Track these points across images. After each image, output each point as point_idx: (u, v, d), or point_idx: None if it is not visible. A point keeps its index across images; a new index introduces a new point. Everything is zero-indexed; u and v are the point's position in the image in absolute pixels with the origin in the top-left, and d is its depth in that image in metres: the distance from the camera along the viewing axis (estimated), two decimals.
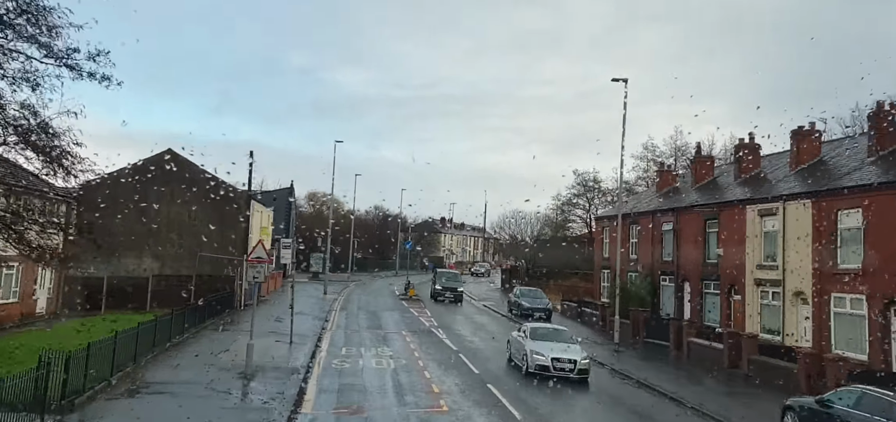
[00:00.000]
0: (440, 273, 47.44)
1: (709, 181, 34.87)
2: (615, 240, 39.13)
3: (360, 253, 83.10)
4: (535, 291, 40.43)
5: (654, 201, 38.63)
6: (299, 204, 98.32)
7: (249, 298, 38.55)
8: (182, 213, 43.03)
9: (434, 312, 38.49)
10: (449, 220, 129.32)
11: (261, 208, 50.72)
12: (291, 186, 71.10)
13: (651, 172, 69.81)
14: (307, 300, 42.48)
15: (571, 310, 40.90)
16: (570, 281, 56.52)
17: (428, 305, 43.33)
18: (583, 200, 75.20)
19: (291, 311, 24.94)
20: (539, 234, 71.84)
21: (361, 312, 37.22)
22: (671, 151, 68.52)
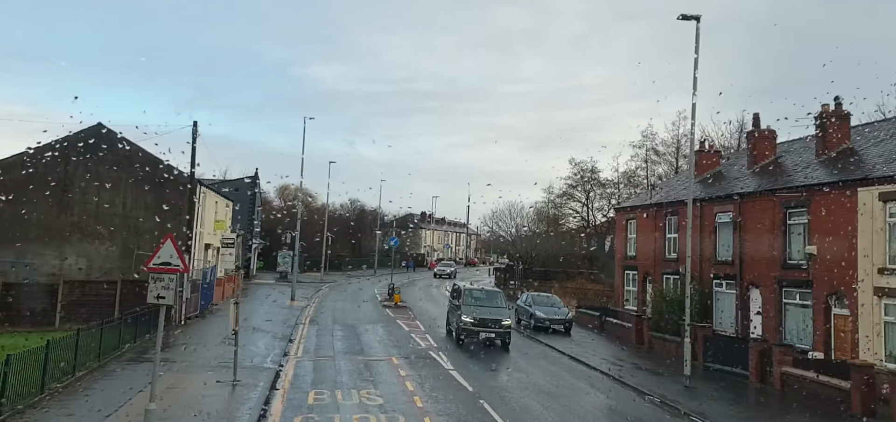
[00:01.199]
0: (468, 293, 27.30)
1: (770, 161, 27.99)
2: (649, 230, 32.20)
3: (333, 249, 75.25)
4: (551, 298, 33.31)
5: (695, 187, 31.67)
6: (269, 198, 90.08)
7: (195, 310, 30.77)
8: (115, 202, 35.10)
9: (428, 326, 31.08)
10: (430, 215, 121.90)
11: (216, 198, 42.76)
12: (256, 175, 63.03)
13: (651, 161, 63.71)
14: (269, 310, 34.75)
15: (591, 320, 33.78)
16: (575, 282, 49.61)
17: (418, 315, 35.88)
18: (579, 191, 68.59)
19: (235, 338, 17.28)
20: (534, 229, 64.77)
21: (337, 327, 29.65)
22: (672, 139, 62.16)
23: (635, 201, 36.30)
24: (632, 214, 35.04)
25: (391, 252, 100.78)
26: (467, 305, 26.13)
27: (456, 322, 26.42)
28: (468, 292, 27.48)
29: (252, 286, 51.34)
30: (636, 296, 33.98)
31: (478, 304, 26.33)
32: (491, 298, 27.54)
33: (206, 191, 39.03)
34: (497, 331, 25.44)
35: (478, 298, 27.04)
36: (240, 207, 60.13)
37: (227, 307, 36.12)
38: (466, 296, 26.87)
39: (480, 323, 25.24)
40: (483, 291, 29.07)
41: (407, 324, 31.32)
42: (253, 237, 63.20)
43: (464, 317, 25.48)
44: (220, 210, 44.05)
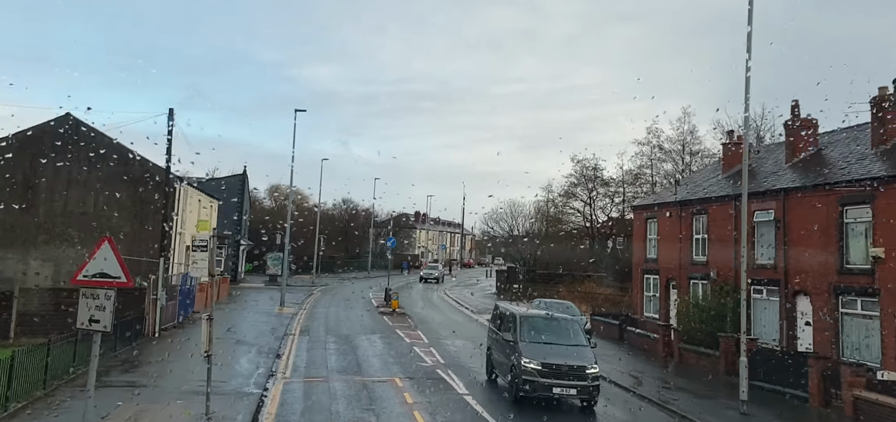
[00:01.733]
0: (526, 323, 18.04)
1: (811, 153, 25.20)
2: (674, 231, 29.35)
3: (325, 249, 72.14)
4: (567, 307, 30.35)
5: (722, 184, 28.92)
6: (259, 198, 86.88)
7: (172, 319, 27.68)
8: (86, 200, 32.04)
9: (431, 337, 28.11)
10: (423, 215, 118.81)
11: (200, 195, 39.67)
12: (244, 173, 59.84)
13: (657, 159, 61.09)
14: (256, 318, 31.72)
15: (609, 330, 30.89)
16: (583, 286, 46.76)
17: (419, 323, 32.90)
18: (582, 190, 65.76)
19: (207, 364, 14.28)
20: (535, 229, 61.92)
21: (330, 339, 26.61)
22: (678, 136, 59.51)
23: (656, 199, 33.51)
24: (652, 214, 32.19)
25: (386, 253, 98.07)
26: (527, 340, 16.80)
27: (509, 367, 16.92)
28: (526, 321, 17.83)
29: (239, 291, 48.22)
30: (658, 303, 31.16)
31: (543, 339, 16.99)
32: (563, 330, 17.85)
33: (188, 188, 35.97)
34: (579, 385, 15.95)
35: (542, 328, 17.69)
36: (227, 206, 57.08)
37: (214, 315, 33.07)
38: (524, 326, 17.42)
39: (553, 372, 15.84)
40: (550, 318, 18.96)
41: (408, 335, 28.33)
42: (241, 238, 60.05)
43: (525, 361, 15.99)
44: (204, 209, 40.97)
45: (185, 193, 34.74)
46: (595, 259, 55.60)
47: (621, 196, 64.67)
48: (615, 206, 65.87)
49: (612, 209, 65.75)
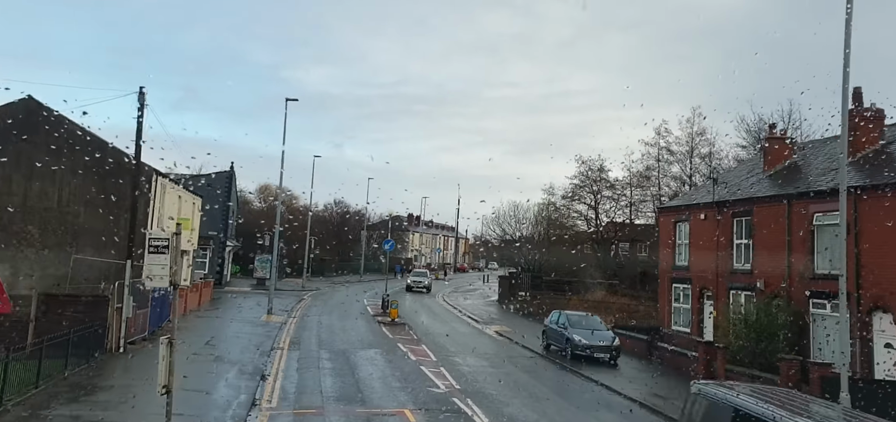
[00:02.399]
0: None
1: (875, 149, 22.07)
2: (708, 234, 26.16)
3: (317, 251, 68.62)
4: (589, 318, 27.09)
5: (766, 184, 25.78)
6: (248, 198, 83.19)
7: (142, 330, 24.14)
8: (48, 194, 28.43)
9: (439, 353, 24.72)
10: (416, 217, 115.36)
11: (180, 191, 36.12)
12: (231, 170, 56.28)
13: (664, 160, 58.13)
14: (239, 329, 28.25)
15: (636, 346, 27.54)
16: (596, 295, 43.52)
17: (422, 335, 29.53)
18: (586, 192, 62.61)
19: (166, 403, 10.88)
20: (539, 233, 58.63)
21: (324, 354, 23.17)
22: (687, 138, 56.54)
23: (686, 199, 30.32)
24: (682, 216, 28.99)
25: (379, 256, 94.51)
26: None
27: None
28: None
29: (224, 296, 44.66)
30: (689, 315, 27.95)
31: None
32: None
33: (166, 183, 32.41)
34: None
35: None
36: (212, 205, 53.49)
37: (192, 324, 29.51)
38: None
39: None
40: None
41: (411, 349, 24.94)
42: (227, 239, 56.46)
43: None
44: (186, 207, 37.39)
45: (162, 187, 31.21)
46: (606, 266, 52.48)
47: (627, 199, 61.70)
48: (621, 209, 62.86)
49: (616, 213, 62.76)
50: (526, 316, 40.87)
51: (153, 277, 10.79)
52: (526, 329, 34.39)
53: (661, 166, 57.81)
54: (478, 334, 32.20)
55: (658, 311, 31.33)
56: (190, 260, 40.16)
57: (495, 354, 26.00)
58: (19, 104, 28.72)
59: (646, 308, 40.44)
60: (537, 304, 42.34)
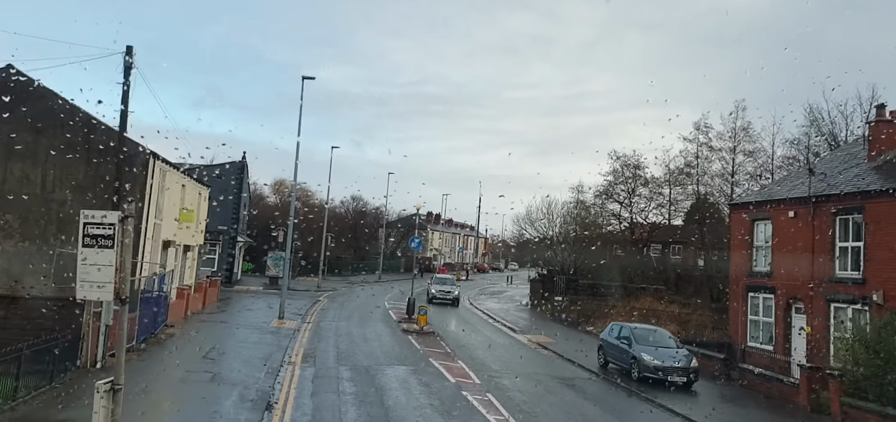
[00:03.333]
0: None
1: None
2: (799, 235, 21.91)
3: (333, 246, 64.90)
4: (657, 333, 22.90)
5: (872, 176, 21.49)
6: (263, 193, 79.69)
7: (129, 340, 20.37)
8: (31, 177, 24.93)
9: (481, 372, 20.72)
10: (436, 216, 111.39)
11: (185, 180, 32.47)
12: (243, 160, 52.64)
13: (704, 158, 53.68)
14: (246, 336, 24.45)
15: (708, 365, 23.20)
16: (640, 301, 39.25)
17: (456, 348, 25.53)
18: (621, 190, 58.23)
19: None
20: (573, 233, 54.38)
21: (344, 372, 19.24)
22: (731, 133, 51.93)
23: (767, 194, 26.00)
24: (762, 213, 24.72)
25: (395, 254, 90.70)
26: None
27: None
28: None
29: (232, 296, 41.02)
30: (772, 330, 23.73)
31: None
32: None
33: (167, 169, 28.76)
34: None
35: None
36: (223, 198, 49.91)
37: (192, 329, 25.79)
38: None
39: None
40: None
41: (447, 367, 20.96)
42: (239, 234, 52.89)
43: None
44: (191, 196, 33.73)
45: (161, 173, 27.53)
46: (646, 268, 48.17)
47: (665, 198, 57.31)
48: (657, 208, 58.46)
49: (649, 212, 58.39)
50: (565, 324, 36.77)
51: (88, 282, 6.86)
52: (569, 340, 30.32)
53: (700, 163, 53.51)
54: (518, 347, 28.16)
55: (728, 323, 27.08)
56: (195, 256, 36.55)
57: (546, 374, 21.93)
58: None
59: (699, 318, 36.18)
60: (576, 310, 38.20)
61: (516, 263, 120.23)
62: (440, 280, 47.33)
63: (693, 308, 38.38)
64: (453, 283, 47.12)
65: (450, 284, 46.08)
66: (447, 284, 46.29)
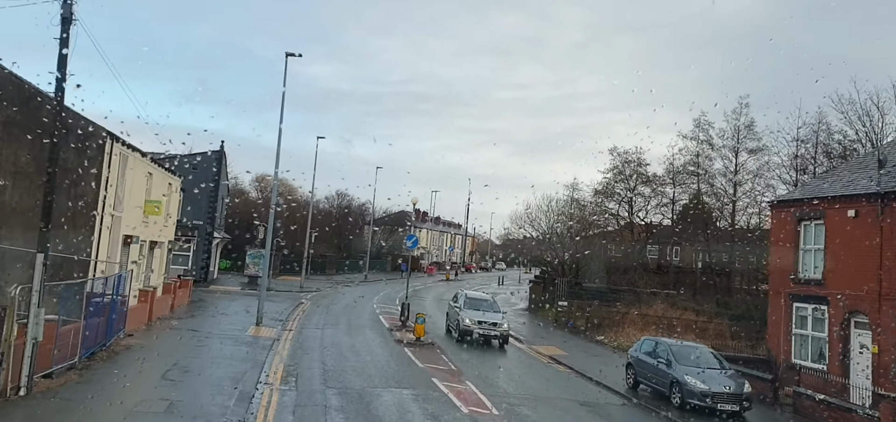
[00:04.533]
0: None
1: None
2: (861, 237, 18.85)
3: (316, 247, 61.31)
4: (698, 350, 19.72)
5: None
6: (244, 187, 75.85)
7: (69, 356, 16.73)
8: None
9: (495, 396, 17.38)
10: (423, 213, 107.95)
11: (151, 167, 28.82)
12: (221, 149, 48.85)
13: (704, 155, 51.09)
14: (218, 349, 20.91)
15: (755, 389, 20.07)
16: (652, 308, 36.20)
17: (461, 364, 22.19)
18: (621, 187, 55.37)
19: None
20: (571, 230, 51.28)
21: (333, 401, 15.77)
22: (733, 130, 49.31)
23: (812, 190, 22.92)
24: (812, 211, 21.66)
25: (382, 253, 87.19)
26: None
27: None
28: None
29: (206, 297, 37.37)
30: (824, 347, 20.68)
31: None
32: None
33: (130, 154, 25.12)
34: None
35: None
36: (198, 190, 46.18)
37: (149, 341, 22.18)
38: None
39: None
40: None
41: (454, 389, 17.63)
42: (215, 230, 49.13)
43: None
44: (158, 186, 30.03)
45: (121, 158, 23.89)
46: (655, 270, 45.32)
47: (666, 197, 54.57)
48: (657, 208, 55.72)
49: (649, 211, 55.67)
50: (573, 332, 33.61)
51: None
52: (582, 353, 27.19)
53: (701, 161, 50.84)
54: (529, 361, 24.89)
55: (769, 336, 24.00)
56: (164, 253, 32.86)
57: (571, 398, 18.67)
58: None
59: (717, 326, 33.23)
60: (584, 317, 35.04)
61: (503, 263, 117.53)
62: (473, 302, 28.22)
63: (708, 316, 35.45)
64: (495, 307, 28.27)
65: (491, 310, 27.71)
66: (486, 308, 27.81)
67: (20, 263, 19.22)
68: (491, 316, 27.08)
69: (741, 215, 49.07)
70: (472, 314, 27.05)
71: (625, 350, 27.44)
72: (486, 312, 27.33)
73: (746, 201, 47.97)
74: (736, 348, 27.81)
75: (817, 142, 43.81)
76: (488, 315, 27.11)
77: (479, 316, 26.93)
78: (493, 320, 26.86)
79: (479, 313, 27.17)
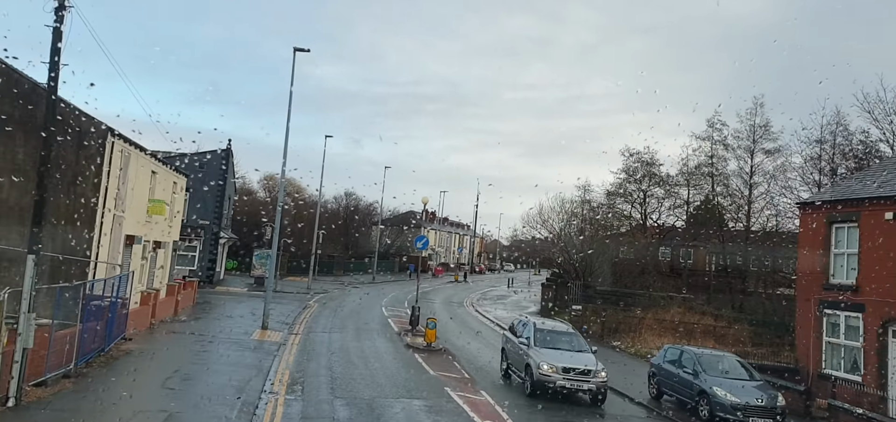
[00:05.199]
0: None
1: None
2: None
3: (322, 248, 60.52)
4: (726, 359, 18.55)
5: None
6: (249, 185, 75.19)
7: (64, 363, 15.86)
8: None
9: (516, 411, 16.42)
10: (432, 214, 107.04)
11: (155, 165, 28.04)
12: (228, 148, 48.07)
13: (718, 156, 49.98)
14: (222, 355, 20.06)
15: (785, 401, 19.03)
16: (669, 313, 35.12)
17: (475, 372, 21.28)
18: (634, 187, 54.30)
19: None
20: (583, 232, 50.30)
21: (341, 413, 14.88)
22: (748, 131, 48.13)
23: (844, 191, 21.85)
24: (845, 213, 20.60)
25: (389, 254, 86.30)
26: None
27: None
28: None
29: (212, 299, 36.61)
30: (856, 357, 19.61)
31: None
32: None
33: (130, 150, 24.31)
34: None
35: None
36: (204, 190, 45.44)
37: (149, 346, 21.36)
38: None
39: None
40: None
41: (469, 402, 16.69)
42: (222, 230, 48.38)
43: None
44: (163, 185, 29.26)
45: (123, 155, 23.09)
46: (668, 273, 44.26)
47: (680, 198, 53.50)
48: (671, 209, 54.66)
49: (662, 213, 54.61)
50: (586, 337, 32.49)
51: None
52: (601, 360, 26.12)
53: (715, 162, 49.74)
54: None
55: (798, 345, 22.94)
56: (169, 254, 32.07)
57: (593, 409, 17.67)
58: None
59: (737, 332, 32.14)
60: (599, 322, 34.01)
61: (512, 264, 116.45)
62: (548, 337, 19.26)
63: (727, 321, 34.38)
64: (580, 343, 19.50)
65: (577, 349, 19.03)
66: (569, 345, 19.12)
67: (20, 266, 18.47)
68: (579, 358, 18.12)
69: (757, 217, 48.01)
70: (552, 357, 17.84)
71: (643, 357, 26.47)
72: (572, 354, 18.33)
73: (762, 203, 46.89)
74: (758, 355, 26.71)
75: (835, 143, 42.67)
76: (575, 357, 18.13)
77: (563, 360, 17.76)
78: (584, 364, 17.79)
79: (561, 355, 18.08)
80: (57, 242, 19.54)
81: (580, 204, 54.85)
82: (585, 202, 56.10)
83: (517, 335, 19.91)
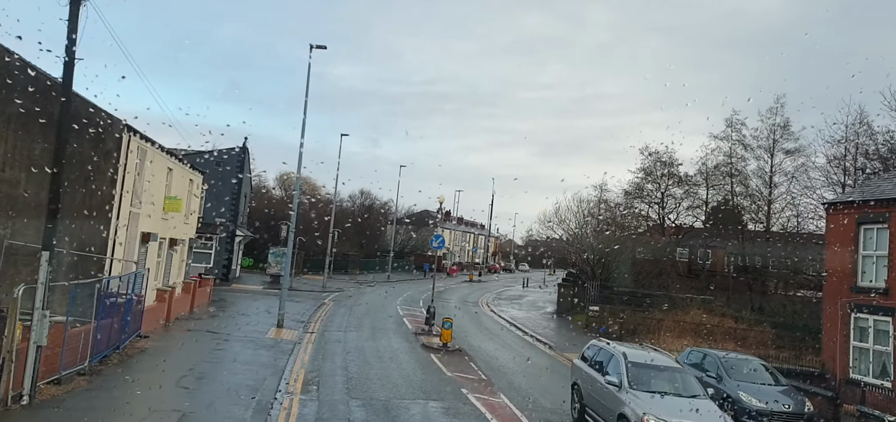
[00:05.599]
0: None
1: None
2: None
3: (338, 247, 60.43)
4: (751, 363, 18.04)
5: None
6: (265, 182, 75.41)
7: (79, 360, 15.74)
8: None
9: (535, 416, 16.06)
10: (447, 213, 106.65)
11: (172, 162, 28.00)
12: (244, 146, 48.12)
13: (737, 156, 49.22)
14: (238, 353, 19.92)
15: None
16: (689, 315, 34.52)
17: (493, 373, 20.88)
18: (653, 187, 53.66)
19: None
20: (602, 232, 49.68)
21: (357, 414, 14.61)
22: (768, 130, 47.33)
23: (873, 191, 21.22)
24: (875, 214, 20.01)
25: (404, 252, 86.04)
26: None
27: None
28: None
29: (228, 296, 36.58)
30: (889, 364, 19.03)
31: None
32: None
33: (147, 147, 24.24)
34: None
35: None
36: (220, 188, 45.61)
37: (164, 344, 21.25)
38: None
39: None
40: None
41: (488, 405, 16.35)
42: (238, 228, 48.45)
43: None
44: (179, 183, 29.22)
45: (139, 151, 23.03)
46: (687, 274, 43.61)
47: (699, 198, 52.82)
48: (689, 210, 53.97)
49: (680, 213, 53.95)
50: (604, 339, 32.08)
51: None
52: None
53: (734, 162, 48.98)
54: (565, 372, 23.49)
55: (825, 348, 22.36)
56: (185, 251, 32.06)
57: None
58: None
59: (758, 334, 31.54)
60: (618, 323, 33.52)
61: (527, 264, 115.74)
62: (649, 374, 13.90)
63: (748, 323, 33.73)
64: (692, 385, 14.07)
65: (690, 392, 13.57)
66: (681, 388, 13.73)
67: (36, 262, 18.43)
68: (693, 406, 12.73)
69: (777, 218, 47.24)
70: (659, 408, 12.47)
71: None
72: (688, 402, 12.95)
73: (782, 203, 46.12)
74: (782, 358, 26.12)
75: (857, 142, 41.78)
76: (686, 405, 12.73)
77: (675, 408, 12.53)
78: (697, 407, 12.69)
79: (672, 402, 12.81)
80: (72, 239, 19.49)
81: (596, 204, 54.28)
82: (603, 202, 55.54)
83: (598, 368, 14.96)
